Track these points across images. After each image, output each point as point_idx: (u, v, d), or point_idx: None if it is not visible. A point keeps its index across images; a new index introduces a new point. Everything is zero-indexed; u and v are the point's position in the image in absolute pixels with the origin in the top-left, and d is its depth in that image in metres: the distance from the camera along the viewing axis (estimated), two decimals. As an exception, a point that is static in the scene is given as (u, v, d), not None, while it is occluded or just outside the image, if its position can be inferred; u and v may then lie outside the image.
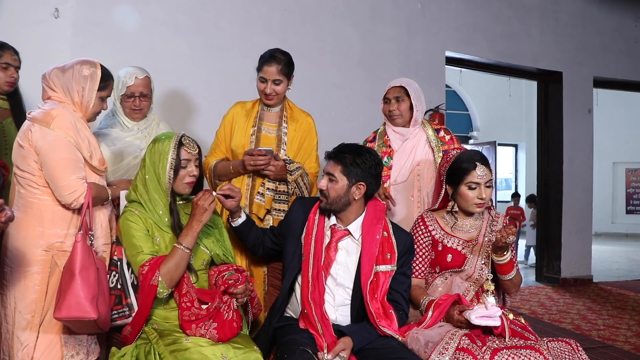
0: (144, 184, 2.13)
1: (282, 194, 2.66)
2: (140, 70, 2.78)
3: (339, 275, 2.21)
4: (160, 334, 1.98)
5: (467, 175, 2.32)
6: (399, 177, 2.92)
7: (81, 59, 2.27)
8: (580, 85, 6.48)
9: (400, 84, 2.92)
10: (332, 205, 2.21)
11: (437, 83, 5.41)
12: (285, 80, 2.70)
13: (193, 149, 2.15)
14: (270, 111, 2.79)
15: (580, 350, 2.00)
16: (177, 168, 2.11)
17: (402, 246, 2.27)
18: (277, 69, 2.65)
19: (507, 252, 2.26)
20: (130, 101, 2.73)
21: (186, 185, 2.15)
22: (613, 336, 4.15)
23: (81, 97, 2.23)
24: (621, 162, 13.11)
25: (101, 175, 2.31)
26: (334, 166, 2.21)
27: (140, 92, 2.73)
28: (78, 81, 2.21)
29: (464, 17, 5.64)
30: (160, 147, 2.13)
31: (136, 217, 2.11)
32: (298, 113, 2.84)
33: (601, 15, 6.61)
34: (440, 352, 1.92)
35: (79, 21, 3.91)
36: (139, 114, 2.77)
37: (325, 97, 4.75)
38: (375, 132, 3.09)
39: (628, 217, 13.28)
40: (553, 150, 6.56)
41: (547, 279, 6.54)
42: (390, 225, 2.32)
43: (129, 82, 2.71)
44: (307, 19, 4.77)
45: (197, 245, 2.16)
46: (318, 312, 2.10)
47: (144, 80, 2.76)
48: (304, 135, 2.79)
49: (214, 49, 4.33)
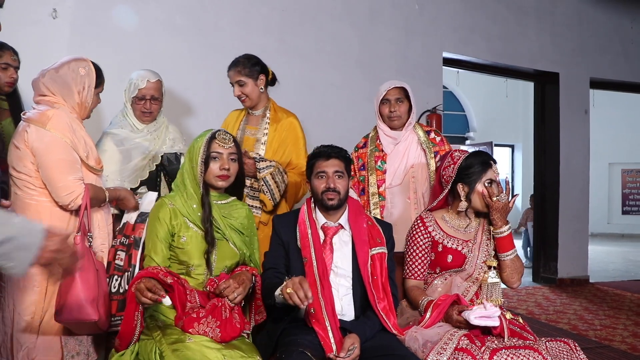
0: (182, 176, 2.19)
1: (256, 190, 2.77)
2: (153, 74, 2.82)
3: (338, 267, 2.26)
4: (164, 332, 1.95)
5: (484, 173, 2.35)
6: (394, 180, 2.93)
7: (70, 58, 2.25)
8: (577, 86, 6.50)
9: (401, 85, 2.92)
10: (342, 202, 2.31)
11: (435, 84, 5.42)
12: (250, 80, 2.84)
13: (226, 143, 2.17)
14: (254, 114, 2.95)
15: (578, 350, 2.01)
16: (207, 160, 2.13)
17: (387, 233, 2.39)
18: (235, 71, 2.84)
19: (505, 226, 2.33)
20: (141, 104, 2.77)
21: (217, 178, 2.16)
22: (610, 336, 4.16)
23: (82, 97, 2.24)
24: (617, 162, 13.14)
25: (97, 175, 2.32)
26: (340, 163, 2.30)
27: (152, 95, 2.77)
28: (77, 82, 2.21)
29: (462, 18, 5.66)
30: (197, 141, 2.18)
31: (166, 212, 2.12)
32: (281, 114, 2.95)
33: (598, 16, 6.63)
34: (438, 352, 1.93)
35: (77, 21, 3.90)
36: (148, 117, 2.81)
37: (324, 98, 4.76)
38: (366, 138, 3.08)
39: (624, 217, 13.31)
40: (550, 151, 6.58)
41: (543, 279, 6.56)
42: (371, 217, 2.47)
43: (141, 84, 2.75)
44: (306, 19, 4.78)
45: (225, 243, 2.18)
46: (329, 309, 2.11)
47: (156, 83, 2.80)
48: (284, 134, 2.89)
49: (212, 50, 4.32)
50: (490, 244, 2.41)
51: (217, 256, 2.15)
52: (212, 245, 2.13)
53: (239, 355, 1.89)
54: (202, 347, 1.85)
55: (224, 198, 2.26)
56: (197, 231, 2.14)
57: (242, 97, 2.86)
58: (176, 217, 2.13)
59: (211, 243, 2.12)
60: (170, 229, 2.12)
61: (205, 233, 2.12)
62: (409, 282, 2.44)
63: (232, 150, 2.19)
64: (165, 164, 2.83)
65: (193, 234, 2.13)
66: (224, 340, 1.95)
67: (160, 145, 2.84)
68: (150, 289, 1.85)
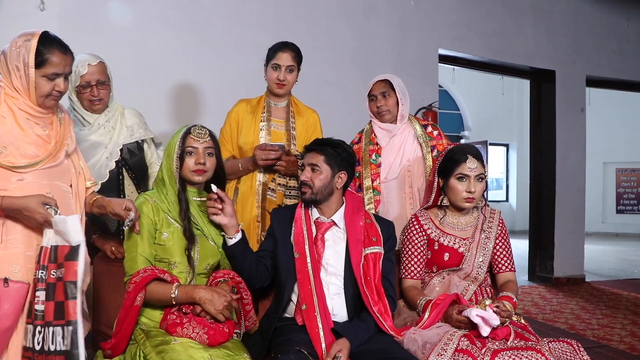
0: (161, 172, 2.15)
1: (292, 189, 2.67)
2: (93, 57, 2.50)
3: (329, 264, 2.20)
4: (148, 335, 1.92)
5: (457, 166, 2.29)
6: (390, 174, 2.87)
7: (21, 32, 1.87)
8: (573, 84, 6.48)
9: (385, 78, 2.86)
10: (317, 196, 2.23)
11: (431, 81, 5.38)
12: (296, 70, 2.74)
13: (201, 138, 2.12)
14: (278, 106, 2.80)
15: (582, 350, 1.95)
16: (182, 155, 2.09)
17: (386, 231, 2.30)
18: (292, 56, 2.69)
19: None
20: (87, 92, 2.46)
21: (193, 173, 2.11)
22: (608, 336, 4.12)
23: (20, 80, 1.82)
24: (612, 162, 13.15)
25: (20, 173, 1.81)
26: (316, 157, 2.25)
27: (97, 79, 2.47)
28: (12, 59, 1.82)
29: (458, 15, 5.61)
30: (173, 137, 2.14)
31: (149, 207, 2.07)
32: (304, 108, 2.87)
33: (594, 14, 6.61)
34: (438, 354, 1.86)
35: (66, 14, 3.81)
36: (99, 104, 2.50)
37: (318, 94, 4.67)
38: (361, 133, 3.02)
39: (618, 216, 13.31)
40: (546, 150, 6.54)
41: (539, 278, 6.52)
42: (371, 214, 2.39)
43: (82, 70, 2.44)
44: (300, 15, 4.71)
45: (205, 240, 2.14)
46: (321, 305, 2.08)
47: (99, 66, 2.49)
48: (310, 130, 2.82)
49: (205, 45, 4.25)
50: (488, 243, 2.35)
51: (199, 254, 2.10)
52: (192, 241, 2.08)
53: (225, 354, 1.85)
54: (188, 347, 1.81)
55: (204, 195, 2.21)
56: (178, 227, 2.09)
57: (282, 82, 2.68)
58: (158, 213, 2.08)
59: (190, 239, 2.07)
60: (154, 224, 2.07)
61: (184, 229, 2.08)
62: (405, 281, 2.38)
63: (208, 144, 2.14)
64: (125, 157, 2.55)
65: (174, 230, 2.08)
66: (211, 345, 1.89)
67: (117, 137, 2.54)
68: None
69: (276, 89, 2.72)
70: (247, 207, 2.66)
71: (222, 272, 2.14)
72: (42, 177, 1.84)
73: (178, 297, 1.93)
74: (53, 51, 1.83)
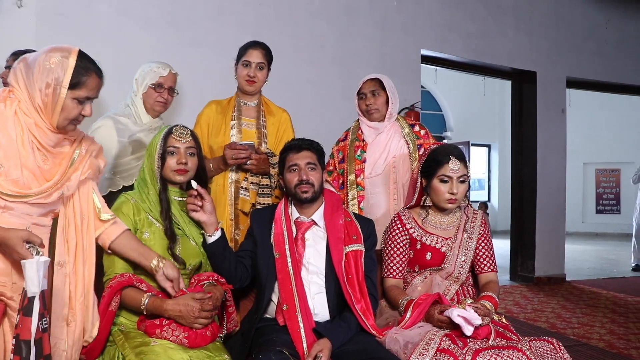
0: (143, 172, 2.15)
1: (265, 187, 2.66)
2: (171, 67, 2.76)
3: (310, 264, 2.19)
4: (127, 336, 1.90)
5: (440, 167, 2.29)
6: (375, 169, 2.86)
7: (54, 46, 1.70)
8: (553, 85, 6.53)
9: (376, 77, 2.86)
10: (317, 194, 2.25)
11: (413, 81, 5.37)
12: (266, 68, 2.75)
13: (183, 137, 2.13)
14: (248, 105, 2.80)
15: (562, 349, 1.96)
16: (164, 155, 2.10)
17: (366, 229, 2.30)
18: (262, 53, 2.72)
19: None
20: (159, 92, 2.67)
21: (175, 173, 2.12)
22: (587, 334, 4.16)
23: (46, 97, 1.66)
24: (591, 162, 13.32)
25: (14, 202, 1.65)
26: (312, 155, 2.26)
27: (170, 85, 2.71)
28: (42, 76, 1.65)
29: (440, 16, 5.62)
30: (155, 137, 2.15)
31: (129, 207, 2.06)
32: (275, 108, 2.88)
33: (574, 16, 6.67)
34: (420, 354, 1.86)
35: (44, 11, 3.74)
36: (162, 107, 2.72)
37: (299, 94, 4.66)
38: (347, 131, 3.03)
39: (598, 216, 13.49)
40: (527, 150, 6.59)
41: (521, 277, 6.56)
42: (351, 212, 2.39)
43: (163, 72, 2.68)
44: (282, 14, 4.68)
45: (187, 240, 2.12)
46: (302, 305, 2.06)
47: (175, 76, 2.75)
48: (281, 129, 2.82)
49: (185, 44, 4.20)
50: (471, 243, 2.35)
51: (180, 255, 2.09)
52: (173, 241, 2.07)
53: (205, 355, 1.84)
54: (168, 349, 1.79)
55: (186, 195, 2.19)
56: (159, 227, 2.08)
57: (253, 79, 2.70)
58: (139, 212, 2.08)
59: (172, 239, 2.06)
60: (134, 225, 2.06)
61: (165, 229, 2.07)
62: (387, 281, 2.37)
63: (189, 144, 2.15)
64: None
65: (156, 230, 2.07)
66: (191, 347, 1.87)
67: None
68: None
69: (246, 86, 2.73)
70: (220, 206, 2.62)
71: (205, 274, 2.12)
72: (27, 208, 1.69)
73: (148, 307, 1.90)
74: (90, 74, 1.71)
